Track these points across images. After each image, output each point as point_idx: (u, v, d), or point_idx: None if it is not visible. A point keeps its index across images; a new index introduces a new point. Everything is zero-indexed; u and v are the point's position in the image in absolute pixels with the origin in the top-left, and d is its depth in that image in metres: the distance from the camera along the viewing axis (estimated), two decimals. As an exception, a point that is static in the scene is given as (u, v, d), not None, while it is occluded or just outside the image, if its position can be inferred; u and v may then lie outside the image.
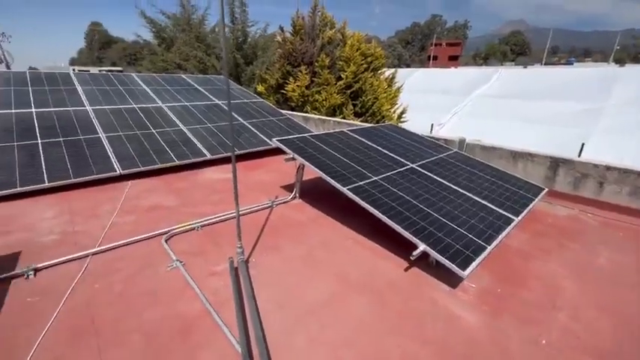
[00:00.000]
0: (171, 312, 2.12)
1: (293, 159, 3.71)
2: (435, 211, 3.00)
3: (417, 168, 3.96)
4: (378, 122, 10.93)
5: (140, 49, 22.75)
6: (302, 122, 7.75)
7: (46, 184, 3.78)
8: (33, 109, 5.14)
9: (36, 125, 4.75)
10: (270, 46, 15.22)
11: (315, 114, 9.98)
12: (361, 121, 10.22)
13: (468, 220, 2.96)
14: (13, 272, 2.40)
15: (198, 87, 8.10)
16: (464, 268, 2.32)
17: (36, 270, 2.44)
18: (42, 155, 4.18)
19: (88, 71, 9.27)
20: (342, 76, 11.15)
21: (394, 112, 12.11)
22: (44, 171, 3.94)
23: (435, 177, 3.76)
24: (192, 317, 2.09)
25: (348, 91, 11.15)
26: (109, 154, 4.56)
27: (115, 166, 4.33)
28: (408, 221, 2.79)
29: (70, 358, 1.77)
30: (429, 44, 59.12)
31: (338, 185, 3.25)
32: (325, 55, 11.06)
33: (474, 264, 2.41)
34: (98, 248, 2.76)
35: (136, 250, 2.81)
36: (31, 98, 5.49)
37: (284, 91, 11.34)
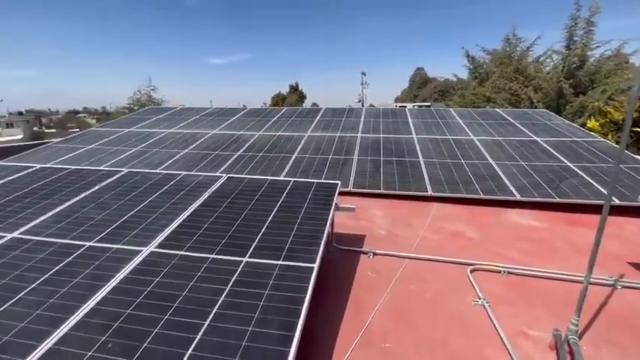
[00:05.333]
0: (479, 354, 2.04)
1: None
2: None
3: None
4: None
5: (451, 86, 25.12)
6: (678, 177, 5.10)
7: (381, 191, 5.02)
8: (381, 135, 7.06)
9: (381, 146, 6.47)
10: (619, 71, 11.47)
11: None
12: None
13: None
14: (362, 249, 3.36)
15: (512, 121, 7.60)
16: None
17: (374, 254, 3.26)
18: (382, 169, 5.61)
19: (405, 107, 11.58)
20: None
21: None
22: (381, 181, 5.26)
23: None
24: (500, 371, 1.90)
25: None
26: (424, 176, 5.30)
27: (428, 188, 4.97)
28: None
29: (393, 338, 2.16)
30: None
31: None
32: None
33: None
34: (413, 254, 3.25)
35: (442, 269, 3.02)
36: (380, 127, 7.56)
37: (638, 129, 8.06)
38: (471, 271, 2.93)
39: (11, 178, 3.51)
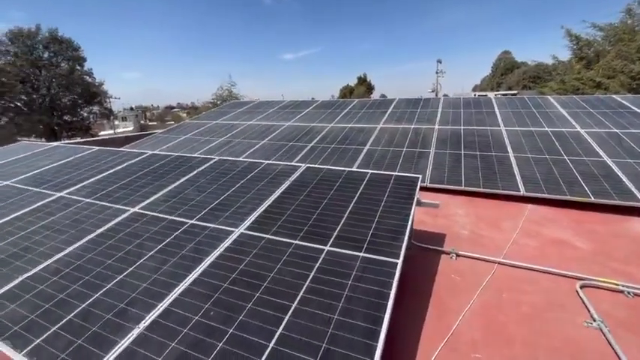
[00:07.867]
0: (595, 381, 1.73)
1: None
2: None
3: None
4: None
5: (546, 71, 21.65)
6: None
7: (462, 187, 4.61)
8: (461, 127, 6.46)
9: (462, 139, 5.93)
10: None
11: None
12: None
13: None
14: (443, 248, 3.13)
15: (636, 110, 6.20)
16: None
17: (457, 255, 3.02)
18: (462, 163, 5.15)
19: (486, 95, 10.33)
20: None
21: None
22: (462, 176, 4.83)
23: None
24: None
25: None
26: (515, 173, 4.69)
27: (519, 186, 4.38)
28: None
29: (484, 350, 1.96)
30: None
31: None
32: None
33: None
34: (503, 260, 2.91)
35: (542, 280, 2.63)
36: (461, 117, 6.93)
37: None
38: (581, 287, 2.49)
39: (132, 162, 4.20)
